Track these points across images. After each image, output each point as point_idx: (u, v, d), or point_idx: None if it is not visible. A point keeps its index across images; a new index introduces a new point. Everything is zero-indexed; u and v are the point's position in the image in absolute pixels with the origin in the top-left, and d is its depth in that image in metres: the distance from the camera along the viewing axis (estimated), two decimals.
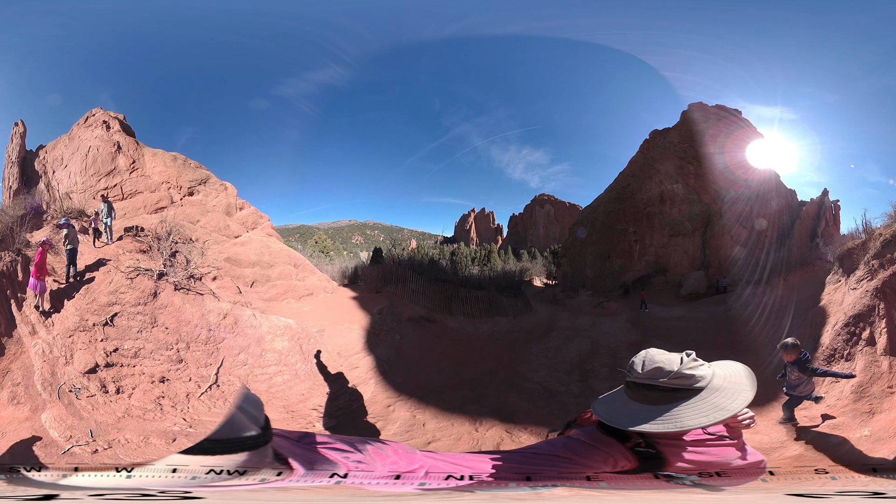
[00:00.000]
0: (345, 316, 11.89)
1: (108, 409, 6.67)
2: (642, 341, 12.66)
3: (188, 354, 8.41)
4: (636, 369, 1.55)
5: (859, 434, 5.84)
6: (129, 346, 8.05)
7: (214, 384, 8.02)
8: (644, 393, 1.52)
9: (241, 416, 1.31)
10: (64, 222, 9.35)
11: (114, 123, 16.76)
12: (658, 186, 29.52)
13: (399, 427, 7.38)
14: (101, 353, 7.63)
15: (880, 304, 7.46)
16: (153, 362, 7.95)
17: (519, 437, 6.82)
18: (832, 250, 11.97)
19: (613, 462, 1.51)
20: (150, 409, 6.90)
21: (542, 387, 9.26)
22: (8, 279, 8.47)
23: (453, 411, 7.69)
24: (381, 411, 7.93)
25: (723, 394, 1.50)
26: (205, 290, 10.36)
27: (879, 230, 8.97)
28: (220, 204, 15.64)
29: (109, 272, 9.36)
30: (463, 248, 44.74)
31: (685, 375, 1.49)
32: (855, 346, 7.44)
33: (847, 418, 6.26)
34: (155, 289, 9.35)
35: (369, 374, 9.25)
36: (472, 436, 6.99)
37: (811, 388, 6.05)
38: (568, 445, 1.57)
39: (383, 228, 75.86)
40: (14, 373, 6.86)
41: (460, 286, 14.26)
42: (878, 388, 6.59)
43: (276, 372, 8.80)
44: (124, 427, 6.30)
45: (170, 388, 7.54)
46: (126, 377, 7.44)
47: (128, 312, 8.62)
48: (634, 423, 1.47)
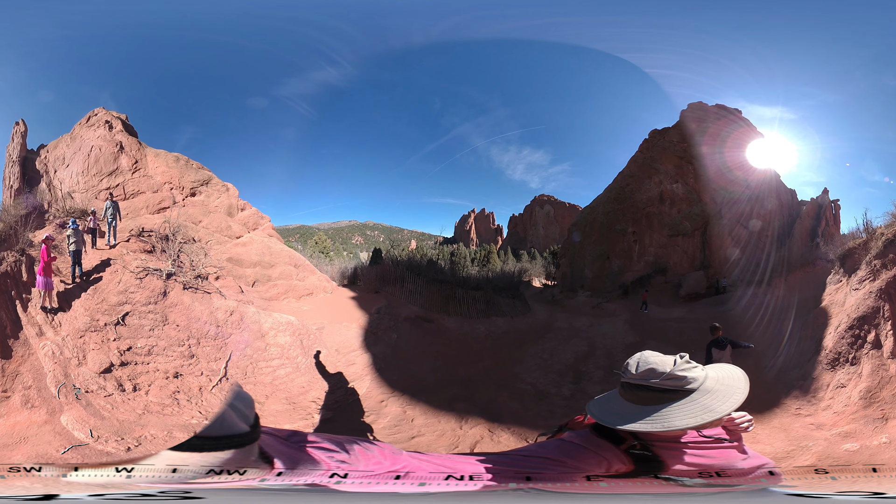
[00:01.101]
0: (343, 315, 12.04)
1: (127, 406, 6.80)
2: (640, 343, 12.60)
3: (199, 350, 8.66)
4: (630, 370, 1.57)
5: (877, 441, 5.68)
6: (142, 344, 8.23)
7: (224, 377, 8.29)
8: (637, 393, 1.54)
9: (231, 413, 1.29)
10: (72, 225, 9.24)
11: (116, 123, 16.88)
12: (657, 186, 29.47)
13: (389, 421, 7.57)
14: (115, 353, 7.77)
15: (885, 306, 7.27)
16: (167, 359, 8.15)
17: (500, 437, 6.84)
18: (833, 250, 11.82)
19: (607, 465, 1.50)
20: (167, 405, 7.09)
21: (533, 388, 9.27)
22: (12, 280, 8.37)
23: (442, 408, 7.82)
24: (375, 406, 8.14)
25: (714, 396, 1.50)
26: (211, 289, 10.64)
27: (881, 229, 8.86)
28: (221, 205, 15.77)
29: (117, 272, 9.49)
30: (462, 249, 44.78)
31: (677, 377, 1.51)
32: (860, 350, 7.21)
33: (859, 425, 6.07)
34: (164, 288, 9.57)
35: (365, 370, 9.45)
36: (455, 433, 7.08)
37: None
38: (560, 448, 1.56)
39: (383, 229, 75.94)
40: (24, 375, 6.75)
41: (457, 286, 14.37)
42: (888, 392, 6.40)
43: (279, 365, 9.10)
44: (147, 423, 6.46)
45: (184, 382, 7.74)
46: (142, 374, 7.60)
47: (139, 311, 8.81)
48: (624, 422, 1.49)
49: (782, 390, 7.60)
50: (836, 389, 6.98)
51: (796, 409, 7.03)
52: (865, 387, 6.61)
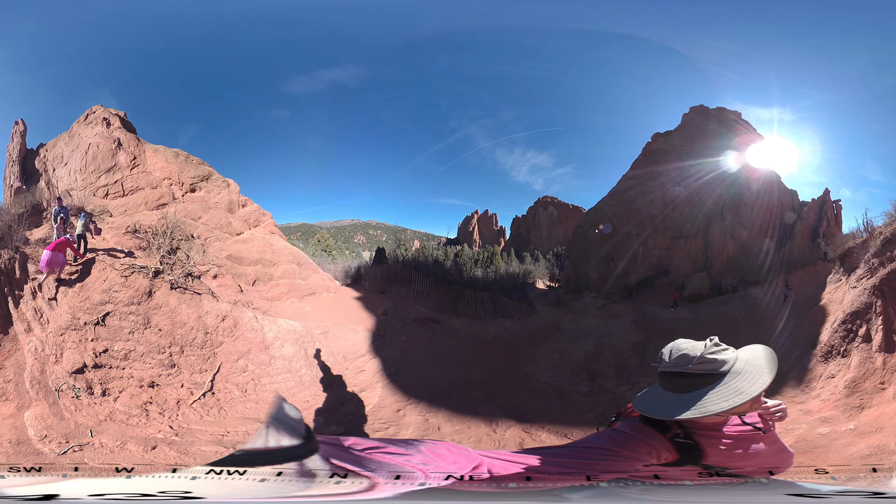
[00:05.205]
0: (349, 317, 11.72)
1: (91, 410, 6.46)
2: (646, 342, 12.72)
3: (182, 359, 8.02)
4: (664, 359, 1.58)
5: (845, 428, 6.02)
6: (119, 347, 7.75)
7: (209, 391, 7.60)
8: (674, 382, 1.55)
9: (279, 426, 1.27)
10: (84, 217, 9.82)
11: (114, 120, 16.57)
12: (660, 189, 29.52)
13: (413, 432, 7.19)
14: (90, 354, 7.38)
15: (877, 302, 7.56)
16: (143, 366, 7.61)
17: (538, 437, 6.73)
18: (833, 250, 12.15)
19: (657, 454, 1.52)
20: (134, 415, 6.61)
21: (550, 386, 9.19)
22: (5, 276, 8.35)
23: (466, 413, 7.55)
24: (392, 416, 7.70)
25: (743, 377, 1.51)
26: (203, 290, 9.90)
27: (880, 228, 9.12)
28: (222, 201, 15.45)
29: (105, 269, 9.12)
30: (467, 250, 44.62)
31: (708, 360, 1.51)
32: (851, 343, 7.54)
33: (837, 412, 6.44)
34: (150, 287, 8.95)
35: (376, 377, 9.01)
36: (492, 437, 6.87)
37: None
38: (613, 438, 1.58)
39: (386, 228, 75.69)
40: (6, 370, 6.82)
41: (466, 288, 14.13)
42: (870, 383, 6.73)
43: (282, 379, 8.44)
44: (104, 431, 6.07)
45: (159, 393, 7.22)
46: (114, 379, 7.17)
47: (120, 312, 8.29)
48: (665, 412, 1.50)
49: (779, 381, 7.67)
50: (827, 380, 7.29)
51: (791, 397, 7.29)
52: (851, 377, 6.92)
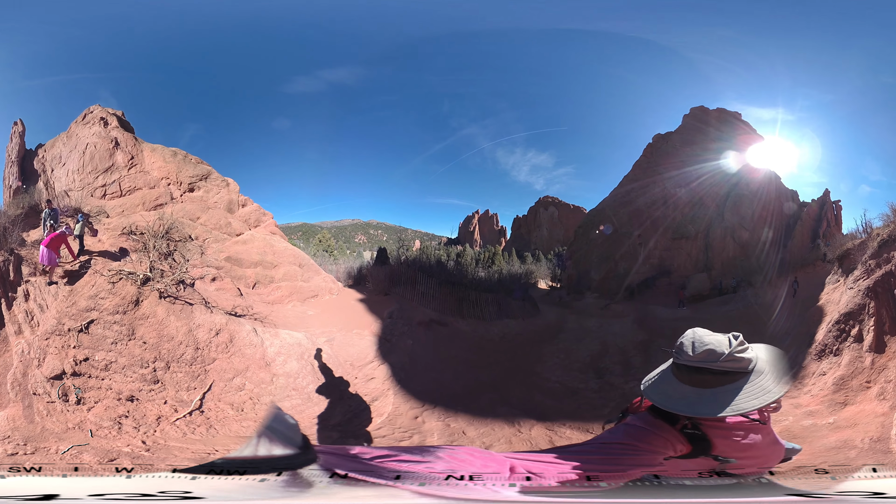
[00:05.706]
0: (353, 320, 11.46)
1: (61, 417, 6.29)
2: (649, 341, 12.92)
3: (167, 376, 7.56)
4: (687, 352, 1.51)
5: (825, 422, 6.20)
6: (100, 357, 7.43)
7: (197, 409, 7.17)
8: (695, 376, 1.50)
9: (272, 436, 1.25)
10: (81, 218, 10.30)
11: (111, 119, 16.33)
12: (661, 190, 29.58)
13: (437, 438, 7.02)
14: (70, 361, 7.18)
15: (870, 303, 7.69)
16: (124, 379, 7.23)
17: (563, 433, 6.78)
18: (832, 251, 12.28)
19: (672, 446, 1.50)
20: (105, 427, 6.33)
21: (562, 385, 9.33)
22: (0, 278, 8.17)
23: (486, 415, 7.45)
24: (410, 423, 7.43)
25: (767, 377, 1.50)
26: (195, 300, 9.24)
27: (877, 230, 9.21)
28: (221, 200, 15.22)
29: (94, 274, 8.88)
30: (468, 250, 44.48)
31: (737, 359, 1.48)
32: (843, 342, 7.71)
33: (822, 407, 6.67)
34: (137, 296, 8.42)
35: (387, 384, 8.71)
36: (520, 437, 6.84)
37: None
38: (628, 433, 1.56)
39: (387, 228, 75.44)
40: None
41: (470, 289, 13.98)
42: (857, 382, 6.93)
43: (285, 396, 7.97)
44: (67, 438, 5.86)
45: (138, 408, 6.88)
46: (91, 389, 6.92)
47: (105, 321, 7.92)
48: (693, 409, 1.46)
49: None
50: (819, 377, 7.49)
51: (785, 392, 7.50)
52: (840, 375, 7.12)
